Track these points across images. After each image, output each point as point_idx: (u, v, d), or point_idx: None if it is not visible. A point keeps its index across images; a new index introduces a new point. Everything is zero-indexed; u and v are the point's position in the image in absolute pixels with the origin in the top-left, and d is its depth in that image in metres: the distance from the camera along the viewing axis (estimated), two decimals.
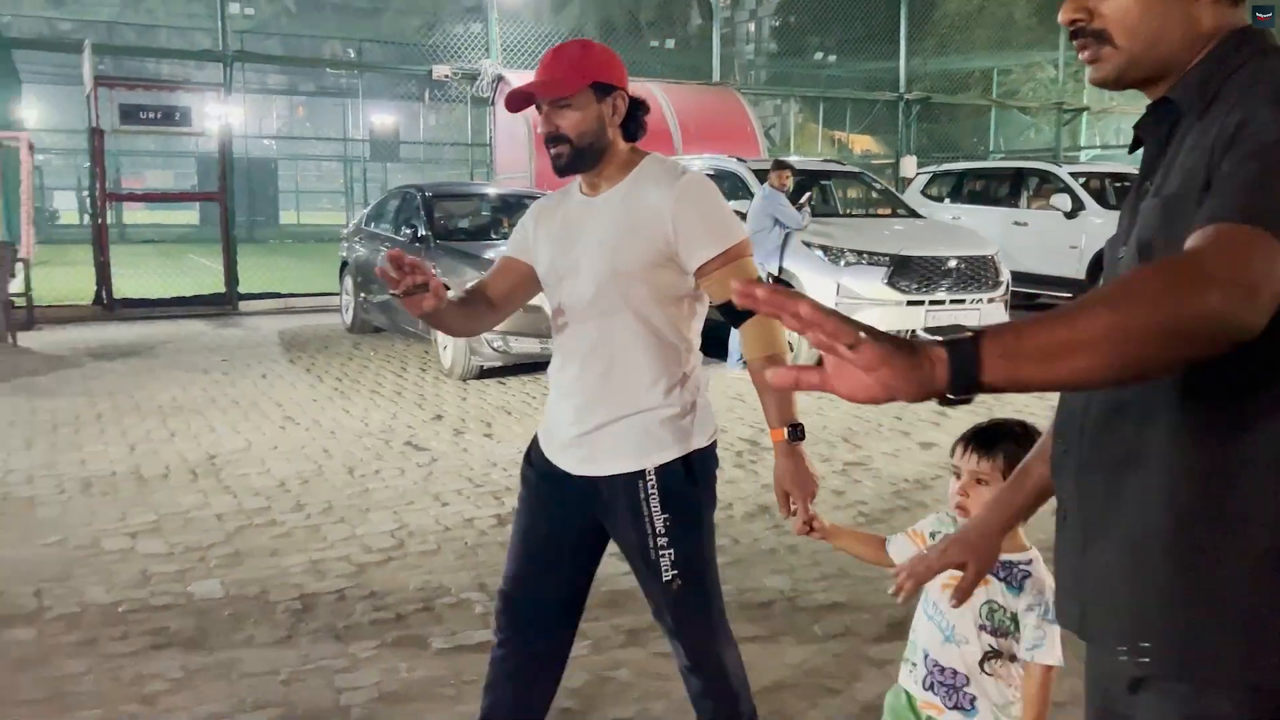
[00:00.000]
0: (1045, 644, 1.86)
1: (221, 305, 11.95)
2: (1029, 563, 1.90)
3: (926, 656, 2.02)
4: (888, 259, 8.00)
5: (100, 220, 11.45)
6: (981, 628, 1.93)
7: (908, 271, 8.01)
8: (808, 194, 8.48)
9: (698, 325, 2.33)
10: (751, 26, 33.90)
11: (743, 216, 8.39)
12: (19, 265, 10.19)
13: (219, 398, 7.33)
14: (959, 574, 1.83)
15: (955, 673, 1.97)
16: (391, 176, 31.35)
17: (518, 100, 2.25)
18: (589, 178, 2.27)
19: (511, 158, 13.06)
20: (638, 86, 2.28)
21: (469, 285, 2.45)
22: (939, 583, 1.92)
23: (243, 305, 12.08)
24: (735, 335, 8.14)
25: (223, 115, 11.76)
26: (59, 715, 2.96)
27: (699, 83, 14.92)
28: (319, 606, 3.75)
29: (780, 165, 8.15)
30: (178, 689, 3.13)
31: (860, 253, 8.05)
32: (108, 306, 11.35)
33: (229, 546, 4.34)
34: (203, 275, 14.23)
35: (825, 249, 8.08)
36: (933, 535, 2.02)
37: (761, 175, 8.78)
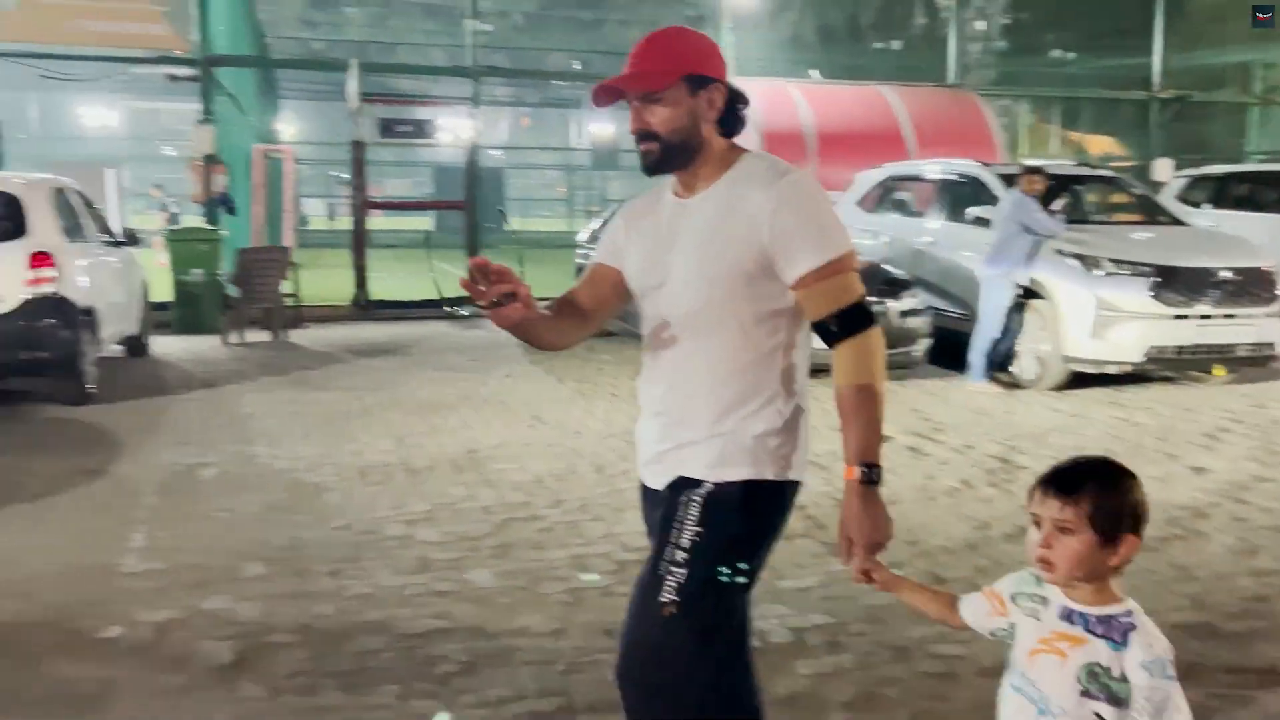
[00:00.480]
0: (1171, 706, 1.64)
1: (465, 307, 12.58)
2: (1129, 614, 1.69)
3: None
4: (1152, 269, 7.51)
5: (360, 227, 12.27)
6: (1085, 694, 1.67)
7: (1174, 283, 7.49)
8: (1062, 199, 8.08)
9: (800, 342, 2.10)
10: (980, 24, 32.66)
11: (986, 223, 8.10)
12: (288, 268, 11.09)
13: (471, 395, 7.72)
14: (1049, 638, 1.68)
15: None
16: (609, 185, 32.17)
17: (605, 95, 2.06)
18: (683, 177, 2.09)
19: None
20: (868, 90, 2.14)
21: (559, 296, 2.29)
22: (1026, 651, 1.73)
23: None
24: (977, 347, 7.87)
25: (470, 128, 12.41)
26: (367, 688, 3.19)
27: (934, 84, 14.52)
28: (587, 601, 3.88)
29: (1032, 170, 7.80)
30: (465, 672, 3.31)
31: (1120, 262, 7.59)
32: (363, 307, 12.18)
33: (497, 538, 4.56)
34: (441, 279, 15.04)
35: (1080, 258, 7.67)
36: (1014, 598, 1.78)
37: (1006, 180, 8.45)
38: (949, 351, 8.51)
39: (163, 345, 9.92)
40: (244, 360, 9.35)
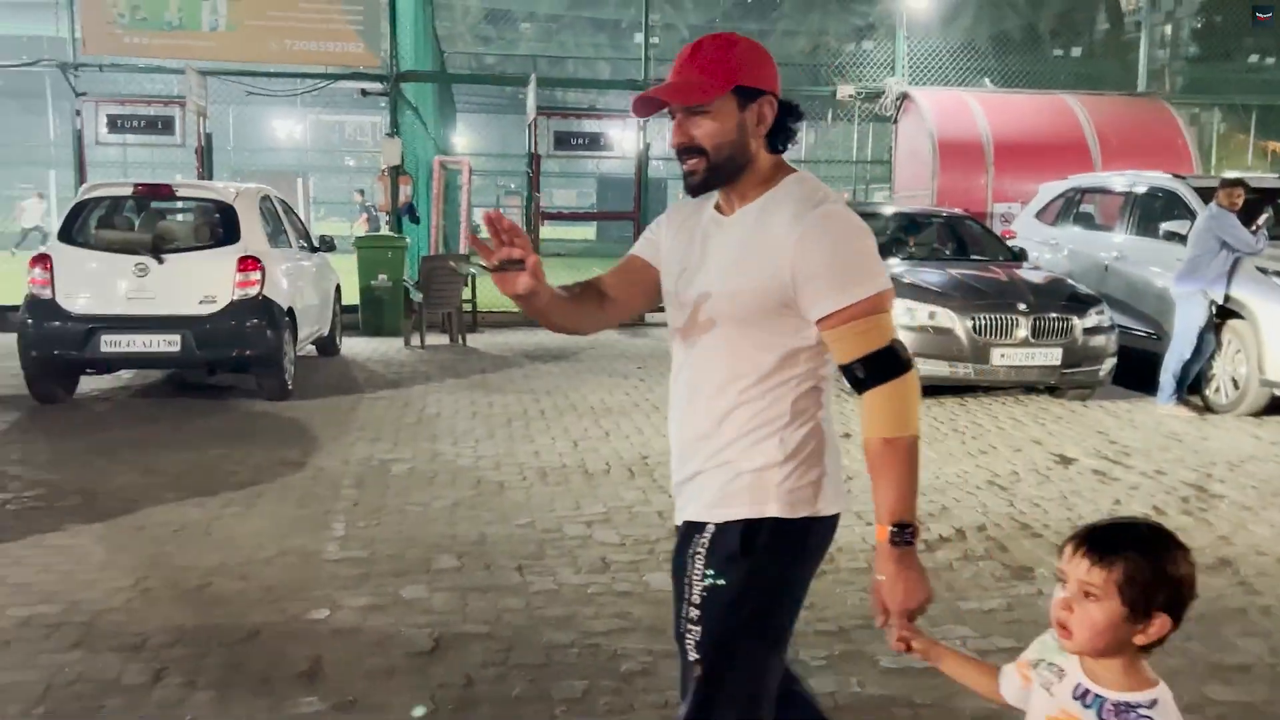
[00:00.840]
0: None
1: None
2: (1152, 704, 1.49)
3: None
4: None
5: (534, 236, 12.64)
6: None
7: None
8: (1265, 214, 7.61)
9: (826, 374, 1.95)
10: (1168, 29, 31.05)
11: (1182, 239, 7.71)
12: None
13: (640, 402, 7.86)
14: (1056, 717, 1.55)
15: None
16: None
17: (647, 106, 1.92)
18: (725, 192, 1.94)
19: (912, 174, 12.90)
20: (1051, 99, 2.00)
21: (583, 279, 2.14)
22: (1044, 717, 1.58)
23: (647, 317, 12.83)
24: (1168, 368, 7.50)
25: (640, 140, 12.63)
26: (552, 681, 3.32)
27: (1122, 93, 13.90)
28: None
29: (1232, 183, 7.39)
30: (647, 672, 3.39)
31: None
32: None
33: (672, 542, 4.62)
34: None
35: None
36: (1035, 665, 1.63)
37: (1203, 193, 8.03)
38: (1135, 371, 8.15)
39: (350, 346, 10.49)
40: (426, 362, 9.79)
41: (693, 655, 1.89)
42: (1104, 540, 1.51)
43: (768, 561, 1.88)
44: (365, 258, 11.38)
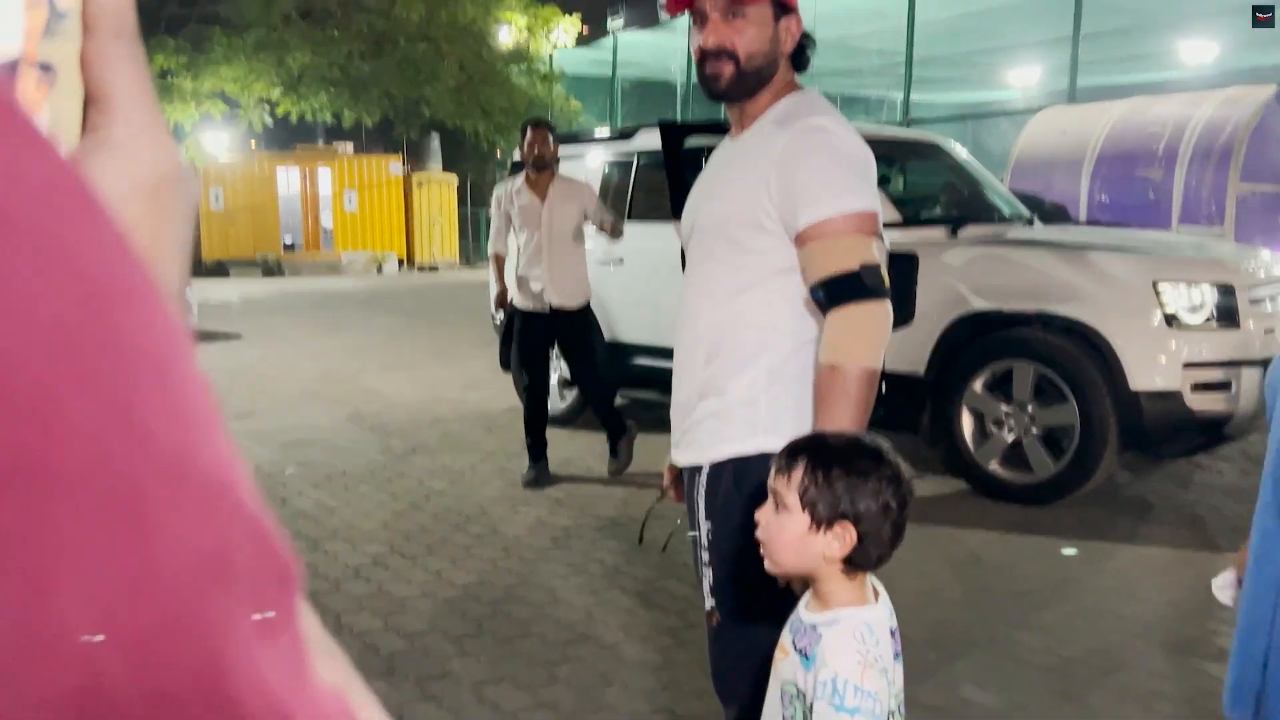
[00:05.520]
0: None
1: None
2: (833, 623, 1.37)
3: None
4: None
5: None
6: None
7: None
8: None
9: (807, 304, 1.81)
10: None
11: None
12: None
13: None
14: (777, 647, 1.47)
15: None
16: None
17: (680, 1, 1.85)
18: (737, 109, 1.89)
19: None
20: None
21: None
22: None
23: None
24: None
25: None
26: None
27: None
28: None
29: None
30: None
31: None
32: None
33: None
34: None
35: None
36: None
37: None
38: None
39: None
40: None
41: (709, 603, 1.85)
42: (793, 447, 1.45)
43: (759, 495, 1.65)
44: None
